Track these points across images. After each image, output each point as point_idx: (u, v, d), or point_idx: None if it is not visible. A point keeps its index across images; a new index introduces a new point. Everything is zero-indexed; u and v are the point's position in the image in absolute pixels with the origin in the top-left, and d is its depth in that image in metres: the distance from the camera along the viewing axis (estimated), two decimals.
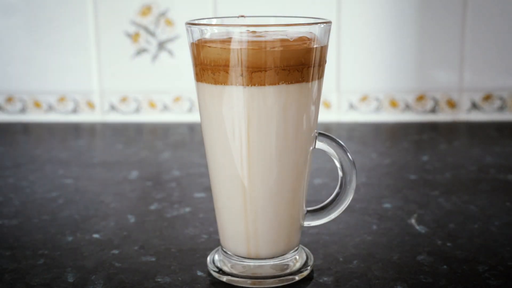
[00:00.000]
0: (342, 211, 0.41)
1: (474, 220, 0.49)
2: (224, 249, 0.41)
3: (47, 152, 0.71)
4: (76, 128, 0.82)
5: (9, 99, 0.85)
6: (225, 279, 0.40)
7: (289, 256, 0.41)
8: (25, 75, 0.85)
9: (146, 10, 0.82)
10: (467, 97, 0.82)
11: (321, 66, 0.38)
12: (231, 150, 0.38)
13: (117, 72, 0.84)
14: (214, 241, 0.46)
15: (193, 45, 0.38)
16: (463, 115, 0.83)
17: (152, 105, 0.84)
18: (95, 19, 0.82)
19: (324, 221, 0.41)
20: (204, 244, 0.45)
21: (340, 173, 0.40)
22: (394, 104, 0.83)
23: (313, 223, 0.41)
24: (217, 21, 0.43)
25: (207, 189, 0.57)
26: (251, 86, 0.36)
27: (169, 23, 0.82)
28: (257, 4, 0.81)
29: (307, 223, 0.41)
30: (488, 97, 0.82)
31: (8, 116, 0.86)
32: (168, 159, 0.68)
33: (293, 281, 0.40)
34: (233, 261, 0.40)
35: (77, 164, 0.66)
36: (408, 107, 0.83)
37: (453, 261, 0.42)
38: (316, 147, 0.40)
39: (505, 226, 0.48)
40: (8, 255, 0.44)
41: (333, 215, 0.41)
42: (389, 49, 0.81)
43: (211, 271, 0.41)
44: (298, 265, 0.41)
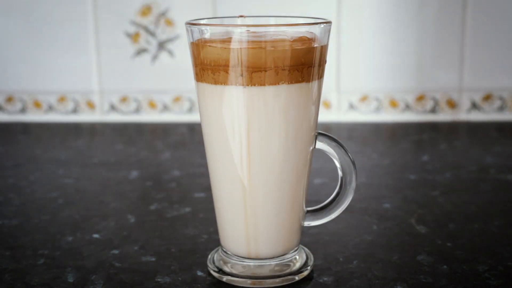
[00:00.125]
0: (342, 211, 0.41)
1: (474, 220, 0.49)
2: (224, 249, 0.41)
3: (47, 152, 0.71)
4: (76, 128, 0.82)
5: (9, 99, 0.85)
6: (225, 279, 0.40)
7: (289, 256, 0.41)
8: (25, 75, 0.85)
9: (146, 10, 0.82)
10: (467, 97, 0.82)
11: (321, 66, 0.38)
12: (231, 150, 0.38)
13: (117, 72, 0.84)
14: (214, 241, 0.46)
15: (193, 45, 0.38)
16: (463, 115, 0.83)
17: (152, 105, 0.84)
18: (95, 19, 0.82)
19: (324, 221, 0.41)
20: (204, 244, 0.45)
21: (340, 173, 0.40)
22: (394, 104, 0.83)
23: (313, 223, 0.41)
24: (217, 21, 0.43)
25: (207, 189, 0.57)
26: (251, 86, 0.36)
27: (169, 23, 0.82)
28: (257, 4, 0.81)
29: (307, 223, 0.41)
30: (488, 97, 0.82)
31: (8, 116, 0.86)
32: (168, 159, 0.68)
33: (293, 281, 0.40)
34: (233, 261, 0.40)
35: (77, 164, 0.66)
36: (408, 107, 0.83)
37: (453, 261, 0.42)
38: (316, 147, 0.40)
39: (505, 226, 0.48)
40: (8, 255, 0.44)
41: (333, 215, 0.41)
42: (389, 49, 0.81)
43: (211, 271, 0.41)
44: (298, 265, 0.41)
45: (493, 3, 0.80)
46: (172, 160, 0.68)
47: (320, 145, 0.40)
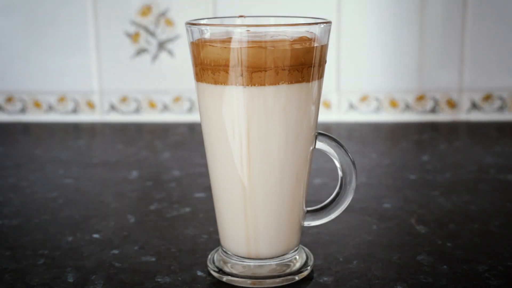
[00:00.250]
0: (342, 211, 0.41)
1: (474, 220, 0.49)
2: (224, 249, 0.41)
3: (47, 152, 0.71)
4: (76, 128, 0.82)
5: (9, 99, 0.85)
6: (225, 279, 0.40)
7: (289, 256, 0.41)
8: (25, 75, 0.85)
9: (146, 10, 0.82)
10: (467, 97, 0.82)
11: (321, 66, 0.38)
12: (231, 150, 0.38)
13: (117, 72, 0.84)
14: (214, 241, 0.46)
15: (193, 45, 0.38)
16: (463, 115, 0.83)
17: (152, 105, 0.84)
18: (95, 19, 0.82)
19: (324, 221, 0.41)
20: (204, 244, 0.45)
21: (340, 173, 0.40)
22: (394, 104, 0.83)
23: (313, 223, 0.41)
24: (217, 21, 0.43)
25: (207, 189, 0.57)
26: (251, 86, 0.36)
27: (169, 23, 0.82)
28: (257, 4, 0.81)
29: (307, 223, 0.41)
30: (488, 97, 0.82)
31: (8, 116, 0.86)
32: (168, 159, 0.68)
33: (293, 281, 0.40)
34: (233, 261, 0.40)
35: (77, 164, 0.66)
36: (408, 107, 0.83)
37: (453, 261, 0.42)
38: (316, 147, 0.40)
39: (505, 226, 0.48)
40: (8, 255, 0.44)
41: (333, 215, 0.41)
42: (389, 49, 0.81)
43: (211, 271, 0.41)
44: (298, 265, 0.41)
45: (493, 3, 0.80)
46: (172, 160, 0.68)
47: (320, 145, 0.40)
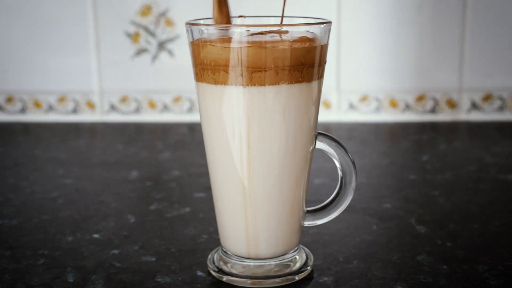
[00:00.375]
0: (342, 211, 0.41)
1: (474, 220, 0.49)
2: (224, 249, 0.41)
3: (47, 152, 0.71)
4: (76, 128, 0.82)
5: (9, 99, 0.85)
6: (225, 279, 0.40)
7: (289, 256, 0.41)
8: (25, 75, 0.85)
9: (146, 10, 0.82)
10: (467, 97, 0.82)
11: (321, 66, 0.38)
12: (231, 150, 0.38)
13: (117, 72, 0.84)
14: (214, 241, 0.46)
15: (193, 45, 0.38)
16: (463, 115, 0.83)
17: (152, 105, 0.84)
18: (95, 19, 0.82)
19: (324, 221, 0.41)
20: (204, 244, 0.45)
21: (340, 173, 0.40)
22: (394, 104, 0.83)
23: (313, 223, 0.41)
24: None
25: (207, 189, 0.57)
26: (251, 86, 0.36)
27: (169, 23, 0.82)
28: (257, 4, 0.81)
29: (307, 223, 0.41)
30: (488, 97, 0.82)
31: (8, 116, 0.86)
32: (168, 159, 0.68)
33: (293, 281, 0.40)
34: (233, 261, 0.40)
35: (77, 164, 0.66)
36: (408, 107, 0.83)
37: (453, 261, 0.42)
38: (316, 147, 0.40)
39: (505, 226, 0.48)
40: (8, 255, 0.44)
41: (333, 215, 0.41)
42: (389, 49, 0.81)
43: (211, 271, 0.41)
44: (298, 265, 0.41)
45: (493, 3, 0.80)
46: (172, 160, 0.68)
47: (320, 145, 0.40)
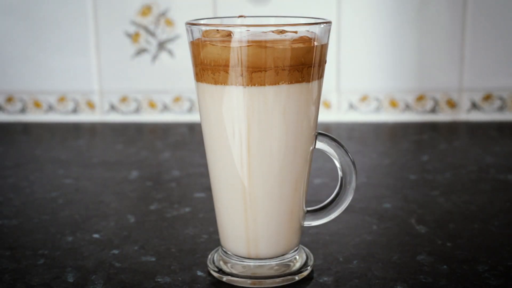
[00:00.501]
0: (342, 211, 0.41)
1: (474, 220, 0.49)
2: (224, 249, 0.41)
3: (47, 152, 0.71)
4: (76, 128, 0.82)
5: (9, 99, 0.85)
6: (225, 279, 0.40)
7: (289, 256, 0.41)
8: (25, 75, 0.85)
9: (146, 10, 0.82)
10: (467, 97, 0.82)
11: (321, 66, 0.38)
12: (231, 150, 0.38)
13: (117, 72, 0.84)
14: (214, 241, 0.46)
15: (193, 45, 0.38)
16: (463, 115, 0.83)
17: (152, 105, 0.84)
18: (95, 19, 0.82)
19: (324, 221, 0.41)
20: (204, 244, 0.45)
21: (340, 173, 0.40)
22: (394, 104, 0.83)
23: (313, 223, 0.41)
24: (217, 21, 0.43)
25: (207, 189, 0.57)
26: (251, 86, 0.36)
27: (169, 23, 0.82)
28: (257, 4, 0.81)
29: (307, 223, 0.41)
30: (488, 97, 0.82)
31: (8, 116, 0.86)
32: (168, 159, 0.68)
33: (293, 281, 0.40)
34: (233, 261, 0.40)
35: (77, 164, 0.66)
36: (408, 107, 0.83)
37: (453, 261, 0.42)
38: (316, 147, 0.40)
39: (505, 226, 0.48)
40: (8, 255, 0.44)
41: (333, 215, 0.41)
42: (389, 49, 0.81)
43: (211, 271, 0.41)
44: (298, 265, 0.41)
45: (493, 3, 0.80)
46: (172, 160, 0.68)
47: (320, 145, 0.40)
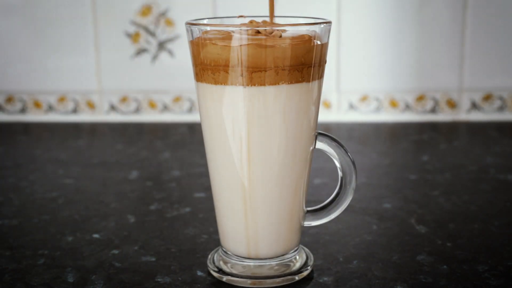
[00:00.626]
0: (342, 211, 0.41)
1: (474, 220, 0.49)
2: (224, 249, 0.41)
3: (47, 152, 0.71)
4: (76, 128, 0.82)
5: (9, 99, 0.85)
6: (225, 279, 0.40)
7: (289, 256, 0.41)
8: (25, 75, 0.85)
9: (146, 10, 0.82)
10: (467, 97, 0.82)
11: (321, 66, 0.38)
12: (231, 150, 0.38)
13: (117, 72, 0.84)
14: (214, 241, 0.46)
15: (193, 45, 0.38)
16: (463, 115, 0.83)
17: (152, 105, 0.84)
18: (95, 19, 0.82)
19: (324, 221, 0.41)
20: (204, 244, 0.45)
21: (340, 173, 0.40)
22: (394, 104, 0.83)
23: (313, 223, 0.41)
24: (217, 21, 0.43)
25: (207, 189, 0.57)
26: (251, 86, 0.36)
27: (169, 23, 0.82)
28: (257, 4, 0.81)
29: (307, 223, 0.41)
30: (488, 97, 0.82)
31: (8, 116, 0.86)
32: (168, 159, 0.68)
33: (293, 281, 0.40)
34: (233, 261, 0.40)
35: (77, 164, 0.66)
36: (408, 107, 0.83)
37: (453, 261, 0.42)
38: (316, 147, 0.40)
39: (505, 226, 0.48)
40: (8, 255, 0.44)
41: (333, 215, 0.41)
42: (389, 49, 0.81)
43: (211, 271, 0.41)
44: (298, 265, 0.41)
45: (493, 3, 0.80)
46: (172, 160, 0.68)
47: (320, 145, 0.40)
